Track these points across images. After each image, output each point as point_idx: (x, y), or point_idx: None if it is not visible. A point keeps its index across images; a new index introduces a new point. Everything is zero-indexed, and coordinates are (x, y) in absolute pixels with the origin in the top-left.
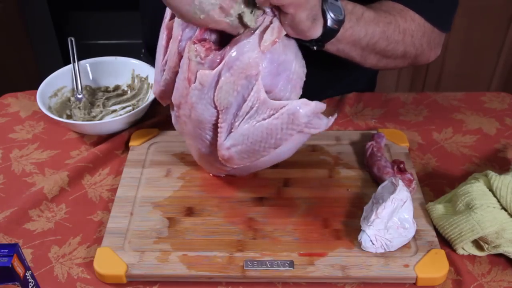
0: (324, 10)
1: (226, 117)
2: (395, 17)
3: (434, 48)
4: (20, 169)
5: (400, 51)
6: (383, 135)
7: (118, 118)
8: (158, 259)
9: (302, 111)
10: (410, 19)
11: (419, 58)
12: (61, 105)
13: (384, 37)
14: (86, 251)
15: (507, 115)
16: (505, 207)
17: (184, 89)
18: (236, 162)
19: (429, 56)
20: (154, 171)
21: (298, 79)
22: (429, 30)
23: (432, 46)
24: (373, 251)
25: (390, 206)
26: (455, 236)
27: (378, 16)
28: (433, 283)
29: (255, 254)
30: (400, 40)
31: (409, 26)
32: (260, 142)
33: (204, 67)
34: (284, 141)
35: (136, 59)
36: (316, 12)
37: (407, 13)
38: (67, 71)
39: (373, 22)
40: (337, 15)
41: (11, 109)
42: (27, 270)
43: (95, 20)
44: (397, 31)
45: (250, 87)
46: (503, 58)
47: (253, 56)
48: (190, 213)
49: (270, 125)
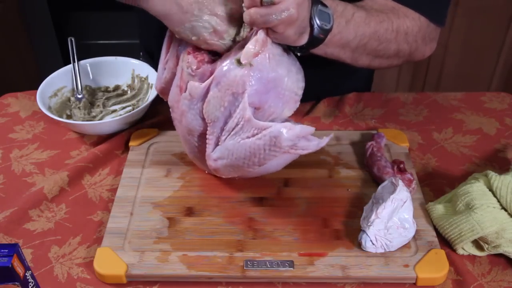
0: (311, 17)
1: (213, 130)
2: (388, 15)
3: (430, 42)
4: (20, 169)
5: (393, 49)
6: (383, 135)
7: (118, 118)
8: (158, 259)
9: (285, 135)
10: (403, 15)
11: (414, 55)
12: (61, 105)
13: (375, 37)
14: (86, 251)
15: (507, 115)
16: (505, 207)
17: (176, 95)
18: (223, 173)
19: (424, 52)
20: (154, 171)
21: (292, 94)
22: (424, 24)
23: (427, 41)
24: (373, 251)
25: (390, 206)
26: (455, 236)
27: (369, 15)
28: (433, 283)
29: (255, 254)
30: (392, 39)
31: (402, 23)
32: (243, 159)
33: (194, 79)
34: (268, 160)
35: (136, 59)
36: (305, 26)
37: (400, 10)
38: (67, 71)
39: (364, 23)
40: (324, 23)
41: (11, 109)
42: (27, 270)
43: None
44: (390, 29)
45: (236, 104)
46: (503, 58)
47: (239, 73)
48: (190, 213)
49: (253, 145)
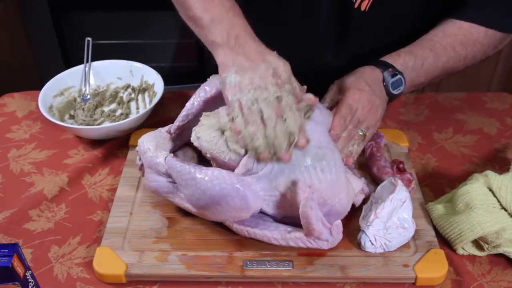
0: (387, 90)
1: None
2: (455, 49)
3: (500, 46)
4: (18, 169)
5: (463, 68)
6: (382, 135)
7: (113, 125)
8: (157, 258)
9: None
10: (472, 44)
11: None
12: (66, 104)
13: (445, 72)
14: (86, 251)
15: (508, 115)
16: (505, 207)
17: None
18: None
19: (495, 51)
20: None
21: None
22: (495, 37)
23: (498, 47)
24: (373, 251)
25: (390, 206)
26: (455, 236)
27: (437, 59)
28: (432, 283)
29: (255, 253)
30: (460, 66)
31: (470, 52)
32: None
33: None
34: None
35: (144, 63)
36: (382, 111)
37: (471, 37)
38: (77, 72)
39: (433, 66)
40: (398, 88)
41: (7, 109)
42: (27, 270)
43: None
44: (457, 60)
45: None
46: (503, 58)
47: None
48: (189, 213)
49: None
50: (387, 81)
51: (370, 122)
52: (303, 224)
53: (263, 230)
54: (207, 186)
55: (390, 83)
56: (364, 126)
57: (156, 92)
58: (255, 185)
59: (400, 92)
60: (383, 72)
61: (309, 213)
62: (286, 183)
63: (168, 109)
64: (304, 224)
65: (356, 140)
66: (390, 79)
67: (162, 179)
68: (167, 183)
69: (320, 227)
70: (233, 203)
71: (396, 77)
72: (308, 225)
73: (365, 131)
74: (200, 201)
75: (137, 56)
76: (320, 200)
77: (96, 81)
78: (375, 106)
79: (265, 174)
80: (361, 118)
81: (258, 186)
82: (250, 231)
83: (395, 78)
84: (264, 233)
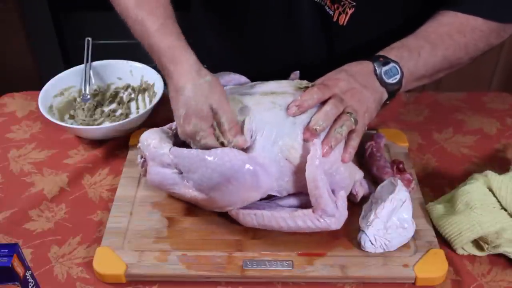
0: (380, 81)
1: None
2: (453, 37)
3: (505, 35)
4: (18, 169)
5: (466, 59)
6: (382, 135)
7: (113, 125)
8: (157, 258)
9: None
10: (470, 31)
11: (491, 48)
12: (66, 104)
13: (446, 62)
14: (86, 251)
15: (508, 115)
16: (505, 207)
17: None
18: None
19: (501, 41)
20: None
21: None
22: (495, 27)
23: (502, 36)
24: (372, 251)
25: (389, 206)
26: (455, 236)
27: (434, 47)
28: (432, 283)
29: (254, 253)
30: (463, 55)
31: (470, 39)
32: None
33: None
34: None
35: (144, 63)
36: (378, 103)
37: (468, 26)
38: (77, 71)
39: (431, 55)
40: (394, 77)
41: (7, 109)
42: (27, 270)
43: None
44: (458, 49)
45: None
46: (503, 58)
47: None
48: (189, 213)
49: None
50: (379, 71)
51: (355, 106)
52: (310, 189)
53: (271, 211)
54: (217, 164)
55: (383, 72)
56: (349, 109)
57: (156, 92)
58: (263, 160)
59: (397, 80)
60: (373, 63)
61: (315, 173)
62: (288, 145)
63: (168, 109)
64: (311, 191)
65: (344, 120)
66: (382, 68)
67: (167, 170)
68: (172, 174)
69: (326, 195)
70: (244, 180)
71: (389, 65)
72: (315, 190)
73: (355, 115)
74: (210, 181)
75: (137, 56)
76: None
77: (96, 81)
78: (358, 91)
79: (263, 144)
80: (342, 96)
81: (266, 160)
82: (258, 213)
83: (388, 66)
84: (272, 214)
